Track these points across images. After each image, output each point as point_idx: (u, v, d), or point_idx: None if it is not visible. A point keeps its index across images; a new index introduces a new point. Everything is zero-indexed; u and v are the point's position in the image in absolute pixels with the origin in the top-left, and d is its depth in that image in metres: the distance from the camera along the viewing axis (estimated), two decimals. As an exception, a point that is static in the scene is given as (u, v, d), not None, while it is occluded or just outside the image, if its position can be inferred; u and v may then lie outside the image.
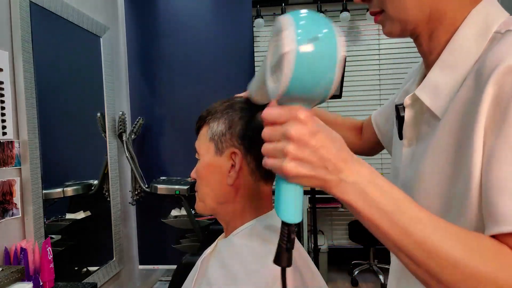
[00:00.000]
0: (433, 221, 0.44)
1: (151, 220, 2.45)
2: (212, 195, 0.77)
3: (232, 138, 0.74)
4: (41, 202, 1.58)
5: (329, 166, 0.44)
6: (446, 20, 0.56)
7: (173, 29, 2.39)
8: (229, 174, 0.74)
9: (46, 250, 1.40)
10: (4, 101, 1.43)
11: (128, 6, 2.42)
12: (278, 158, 0.45)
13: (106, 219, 2.16)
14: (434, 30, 0.57)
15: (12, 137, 1.48)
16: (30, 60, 1.55)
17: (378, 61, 3.16)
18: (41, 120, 1.60)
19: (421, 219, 0.44)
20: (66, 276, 1.65)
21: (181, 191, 2.15)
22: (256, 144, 0.74)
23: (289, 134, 0.43)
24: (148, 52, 2.43)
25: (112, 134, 2.22)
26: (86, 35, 2.03)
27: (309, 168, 0.44)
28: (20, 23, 1.51)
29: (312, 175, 0.44)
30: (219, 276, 0.71)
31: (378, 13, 0.59)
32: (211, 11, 2.37)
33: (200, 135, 0.80)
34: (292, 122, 0.44)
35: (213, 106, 0.80)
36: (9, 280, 1.23)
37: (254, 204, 0.77)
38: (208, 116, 0.79)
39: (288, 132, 0.44)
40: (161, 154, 2.43)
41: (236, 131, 0.74)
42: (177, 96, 2.37)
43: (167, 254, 2.42)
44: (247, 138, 0.73)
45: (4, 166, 1.43)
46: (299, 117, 0.44)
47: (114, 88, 2.26)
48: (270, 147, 0.46)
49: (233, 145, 0.74)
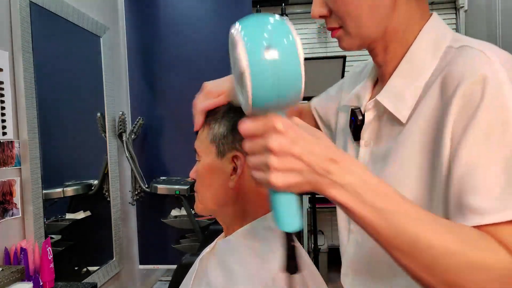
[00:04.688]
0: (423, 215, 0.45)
1: (151, 220, 2.45)
2: (212, 197, 0.77)
3: (234, 141, 0.73)
4: (41, 202, 1.58)
5: (318, 170, 0.44)
6: (399, 35, 0.62)
7: (173, 29, 2.39)
8: (231, 178, 0.73)
9: (46, 250, 1.40)
10: (4, 101, 1.43)
11: (128, 6, 2.42)
12: (264, 171, 0.44)
13: (106, 219, 2.16)
14: (389, 44, 0.62)
15: (12, 137, 1.47)
16: (30, 60, 1.55)
17: (378, 61, 3.18)
18: (41, 120, 1.60)
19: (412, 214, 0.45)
20: (66, 276, 1.65)
21: (181, 191, 2.15)
22: None
23: (269, 147, 0.43)
24: (148, 52, 2.42)
25: (112, 134, 2.22)
26: (86, 35, 2.02)
27: (297, 176, 0.44)
28: (20, 23, 1.51)
29: (301, 181, 0.44)
30: (219, 277, 0.71)
31: (336, 29, 0.63)
32: (211, 11, 2.36)
33: (200, 136, 0.79)
34: (271, 134, 0.43)
35: None
36: (9, 280, 1.23)
37: (254, 206, 0.76)
38: (209, 116, 0.78)
39: (268, 145, 0.43)
40: (161, 154, 2.43)
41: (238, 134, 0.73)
42: (177, 96, 2.37)
43: (167, 254, 2.42)
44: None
45: (4, 166, 1.43)
46: (277, 128, 0.43)
47: (114, 88, 2.26)
48: (254, 160, 0.46)
49: (235, 148, 0.73)
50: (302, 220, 0.50)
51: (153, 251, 2.47)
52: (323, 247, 3.27)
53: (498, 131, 0.48)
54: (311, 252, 2.94)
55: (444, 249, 0.43)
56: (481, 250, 0.44)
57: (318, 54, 2.86)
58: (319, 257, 2.86)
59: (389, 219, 0.44)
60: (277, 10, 2.79)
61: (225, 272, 0.71)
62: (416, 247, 0.43)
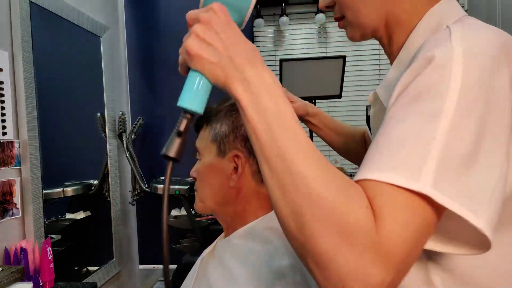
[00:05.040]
0: (308, 146, 0.41)
1: (151, 220, 2.45)
2: (212, 196, 0.77)
3: (236, 140, 0.73)
4: (41, 202, 1.58)
5: (236, 61, 0.44)
6: (402, 22, 0.57)
7: (173, 29, 2.39)
8: (232, 177, 0.73)
9: (46, 250, 1.40)
10: (4, 101, 1.43)
11: (128, 6, 2.42)
12: (186, 38, 0.46)
13: (106, 219, 2.16)
14: (393, 34, 0.59)
15: (12, 137, 1.47)
16: (30, 60, 1.55)
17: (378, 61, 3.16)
18: (41, 120, 1.60)
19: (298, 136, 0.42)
20: (66, 276, 1.65)
21: (181, 191, 2.15)
22: None
23: (200, 17, 0.45)
24: (148, 52, 2.43)
25: (112, 134, 2.22)
26: (86, 35, 2.02)
27: (212, 53, 0.44)
28: (20, 23, 1.51)
29: (214, 61, 0.44)
30: (219, 277, 0.71)
31: (341, 19, 0.62)
32: (211, 11, 2.36)
33: (201, 135, 0.79)
34: (208, 10, 0.46)
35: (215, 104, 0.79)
36: (9, 280, 1.23)
37: (254, 206, 0.76)
38: (210, 116, 0.78)
39: (199, 16, 0.45)
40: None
41: (240, 133, 0.73)
42: (177, 96, 2.34)
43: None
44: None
45: (4, 166, 1.43)
46: (213, 7, 0.45)
47: (114, 88, 2.26)
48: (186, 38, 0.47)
49: (236, 148, 0.73)
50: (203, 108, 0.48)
51: (153, 251, 2.47)
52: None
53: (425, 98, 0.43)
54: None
55: (309, 170, 0.39)
56: (341, 192, 0.39)
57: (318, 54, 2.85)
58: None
59: (275, 135, 0.41)
60: (277, 10, 2.79)
61: (226, 272, 0.71)
62: (283, 159, 0.40)
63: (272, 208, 0.80)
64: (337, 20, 0.63)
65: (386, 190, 0.39)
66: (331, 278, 0.37)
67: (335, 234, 0.37)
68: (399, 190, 0.39)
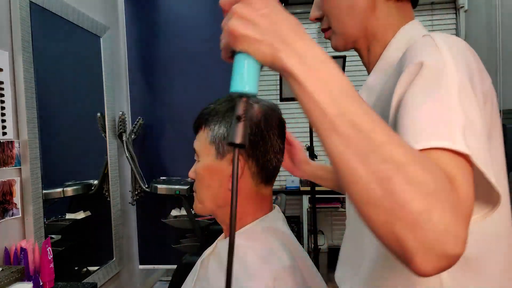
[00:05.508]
0: (375, 114, 0.42)
1: (151, 220, 2.45)
2: (211, 198, 0.76)
3: None
4: (41, 202, 1.58)
5: (282, 35, 0.43)
6: (379, 36, 0.66)
7: (173, 29, 2.39)
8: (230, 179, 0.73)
9: (46, 250, 1.40)
10: (4, 101, 1.43)
11: (128, 6, 2.42)
12: (228, 19, 0.44)
13: (106, 219, 2.16)
14: (371, 45, 0.68)
15: (12, 137, 1.47)
16: (30, 60, 1.55)
17: (378, 61, 3.18)
18: (41, 120, 1.60)
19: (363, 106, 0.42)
20: (66, 276, 1.65)
21: (181, 191, 2.15)
22: (258, 148, 0.74)
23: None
24: (148, 52, 2.43)
25: (112, 134, 2.22)
26: (86, 35, 2.02)
27: (257, 30, 0.43)
28: (20, 23, 1.51)
29: (260, 39, 0.43)
30: (219, 278, 0.71)
31: (327, 30, 0.69)
32: (211, 11, 2.36)
33: (199, 136, 0.78)
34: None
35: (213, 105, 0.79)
36: (9, 280, 1.23)
37: (254, 207, 0.76)
38: (208, 117, 0.77)
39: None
40: (161, 154, 2.43)
41: None
42: (177, 96, 2.37)
43: (167, 254, 2.42)
44: (250, 142, 0.72)
45: (4, 166, 1.43)
46: None
47: (114, 88, 2.26)
48: (226, 20, 0.45)
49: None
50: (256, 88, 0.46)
51: (153, 251, 2.47)
52: (323, 247, 3.28)
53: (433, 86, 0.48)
54: (311, 252, 2.94)
55: (387, 138, 0.40)
56: (417, 156, 0.41)
57: (318, 54, 2.86)
58: (319, 257, 2.86)
59: (337, 100, 0.42)
60: (277, 10, 2.79)
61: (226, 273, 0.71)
62: (358, 129, 0.40)
63: (271, 209, 0.80)
64: (324, 31, 0.70)
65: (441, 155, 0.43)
66: (428, 237, 0.38)
67: (426, 194, 0.38)
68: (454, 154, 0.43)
